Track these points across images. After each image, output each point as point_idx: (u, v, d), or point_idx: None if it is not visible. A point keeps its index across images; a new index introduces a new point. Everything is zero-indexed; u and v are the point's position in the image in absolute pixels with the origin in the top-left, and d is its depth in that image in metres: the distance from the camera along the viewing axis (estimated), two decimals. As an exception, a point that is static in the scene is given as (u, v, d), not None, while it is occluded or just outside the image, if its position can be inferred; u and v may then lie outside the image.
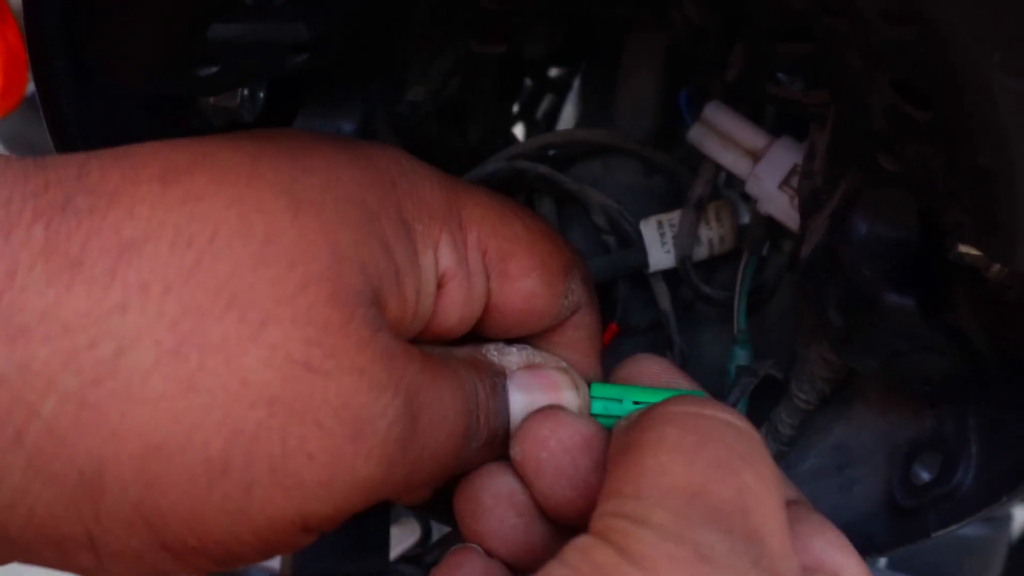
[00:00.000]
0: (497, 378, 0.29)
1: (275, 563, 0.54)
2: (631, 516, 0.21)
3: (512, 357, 0.30)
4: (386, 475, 0.24)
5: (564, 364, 0.31)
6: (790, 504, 0.26)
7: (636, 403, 0.30)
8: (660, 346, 0.42)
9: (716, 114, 0.37)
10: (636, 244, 0.39)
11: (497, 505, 0.29)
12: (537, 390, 0.29)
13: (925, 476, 0.33)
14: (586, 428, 0.28)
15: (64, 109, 0.33)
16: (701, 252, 0.39)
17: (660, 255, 0.39)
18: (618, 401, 0.30)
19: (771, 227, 0.38)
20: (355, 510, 0.24)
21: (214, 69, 0.32)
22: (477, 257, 0.29)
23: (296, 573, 0.37)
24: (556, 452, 0.27)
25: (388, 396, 0.23)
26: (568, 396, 0.29)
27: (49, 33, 0.31)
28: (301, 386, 0.22)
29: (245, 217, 0.22)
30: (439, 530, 0.50)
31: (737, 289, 0.39)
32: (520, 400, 0.29)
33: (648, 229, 0.39)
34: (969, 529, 0.46)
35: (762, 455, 0.24)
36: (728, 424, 0.24)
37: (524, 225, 0.30)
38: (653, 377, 0.31)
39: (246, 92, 0.36)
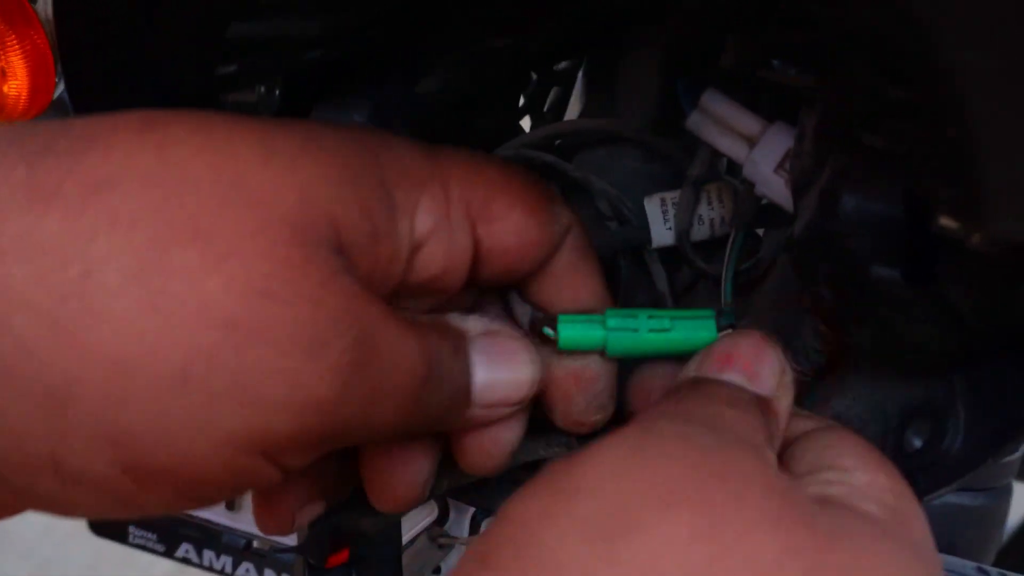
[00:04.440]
0: (459, 340, 0.30)
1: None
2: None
3: (471, 323, 0.31)
4: (341, 398, 0.25)
5: (518, 333, 0.32)
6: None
7: (650, 318, 0.32)
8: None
9: (713, 101, 0.39)
10: (636, 229, 0.41)
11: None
12: (498, 356, 0.31)
13: (917, 443, 0.35)
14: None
15: (91, 104, 0.35)
16: (703, 232, 0.41)
17: (662, 232, 0.41)
18: (633, 317, 0.32)
19: (768, 209, 0.39)
20: (313, 439, 0.25)
21: (233, 67, 0.34)
22: (460, 210, 0.30)
23: None
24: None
25: (344, 325, 0.25)
26: (525, 361, 0.31)
27: (78, 36, 0.33)
28: (259, 311, 0.23)
29: (216, 163, 0.24)
30: (456, 509, 0.52)
31: (725, 262, 0.41)
32: (482, 363, 0.30)
33: (652, 206, 0.41)
34: (968, 499, 0.48)
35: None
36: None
37: (498, 169, 0.31)
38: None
39: (263, 89, 0.38)
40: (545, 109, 0.56)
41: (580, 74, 0.54)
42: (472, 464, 0.33)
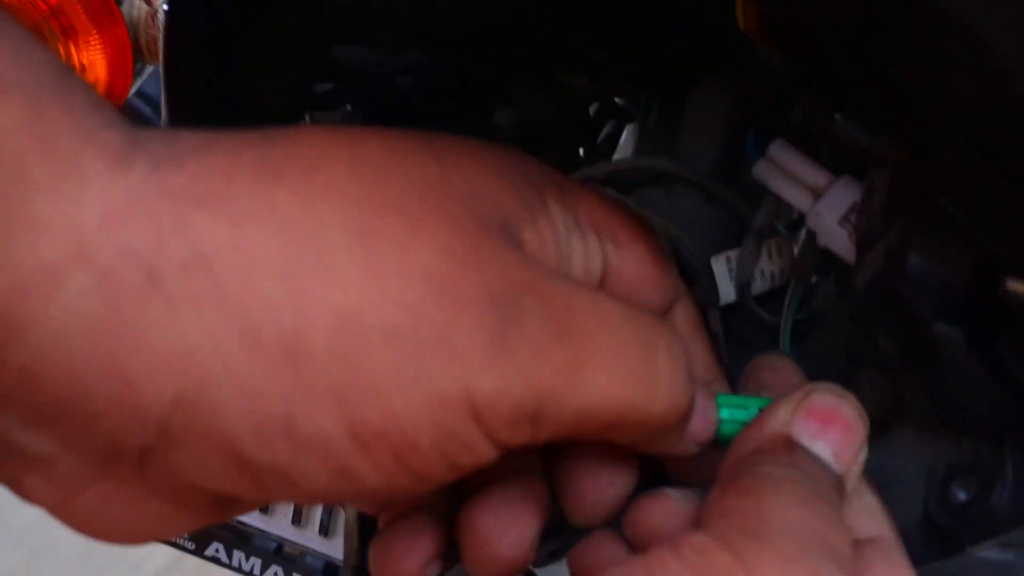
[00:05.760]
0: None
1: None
2: (752, 533, 0.25)
3: None
4: (535, 358, 0.25)
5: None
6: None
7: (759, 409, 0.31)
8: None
9: (781, 151, 0.40)
10: (698, 273, 0.42)
11: None
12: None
13: (961, 496, 0.36)
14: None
15: (187, 119, 0.36)
16: (764, 285, 0.42)
17: (728, 289, 0.42)
18: (743, 408, 0.32)
19: (826, 259, 0.41)
20: (517, 405, 0.25)
21: (329, 86, 0.36)
22: (590, 225, 0.31)
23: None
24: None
25: (526, 290, 0.26)
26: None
27: (186, 50, 0.34)
28: (453, 272, 0.25)
29: (397, 157, 0.27)
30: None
31: (784, 313, 0.42)
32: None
33: (718, 266, 0.42)
34: (998, 554, 0.48)
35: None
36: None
37: (623, 207, 0.33)
38: (780, 380, 0.34)
39: (349, 108, 0.39)
40: (599, 140, 0.58)
41: (639, 110, 0.55)
42: (584, 510, 0.33)
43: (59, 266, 0.21)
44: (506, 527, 0.31)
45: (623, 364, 0.27)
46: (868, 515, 0.30)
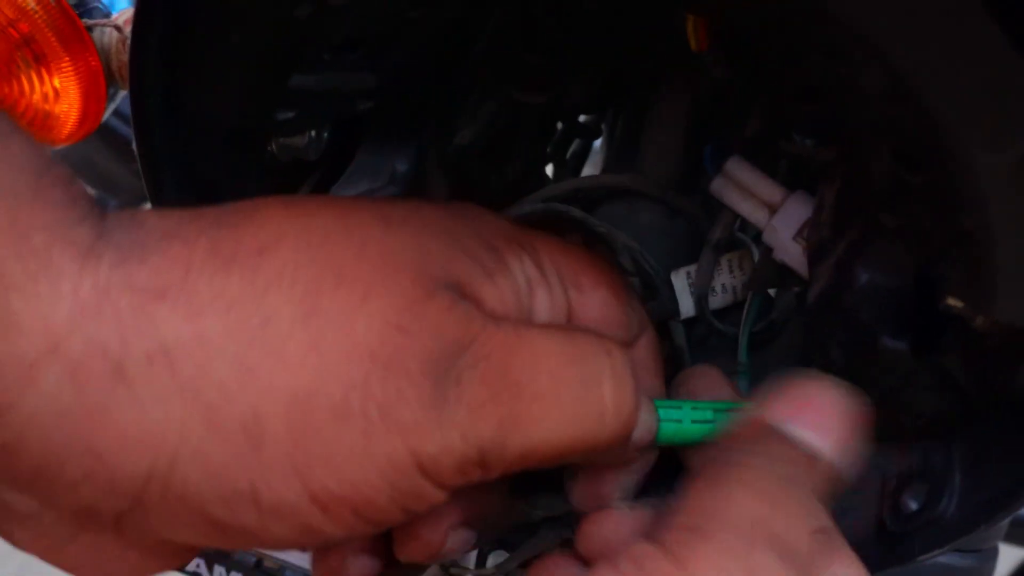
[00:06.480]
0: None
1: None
2: (697, 528, 0.26)
3: None
4: (474, 418, 0.27)
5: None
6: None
7: (694, 408, 0.33)
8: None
9: (737, 168, 0.41)
10: (659, 287, 0.43)
11: None
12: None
13: (913, 505, 0.37)
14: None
15: (155, 138, 0.37)
16: (726, 299, 0.43)
17: (688, 303, 0.43)
18: (677, 408, 0.33)
19: (782, 272, 0.42)
20: (460, 458, 0.27)
21: (291, 114, 0.36)
22: (553, 271, 0.33)
23: None
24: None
25: (463, 347, 0.27)
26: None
27: (150, 72, 0.35)
28: (394, 344, 0.26)
29: (347, 227, 0.28)
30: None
31: (742, 324, 0.43)
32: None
33: (678, 280, 0.43)
34: (957, 560, 0.49)
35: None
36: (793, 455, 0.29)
37: (582, 251, 0.35)
38: (708, 387, 0.35)
39: (313, 133, 0.40)
40: (567, 156, 0.59)
41: (604, 127, 0.56)
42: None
43: (34, 360, 0.23)
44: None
45: (565, 403, 0.29)
46: None
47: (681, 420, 0.33)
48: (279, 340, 0.25)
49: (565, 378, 0.29)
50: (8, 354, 0.23)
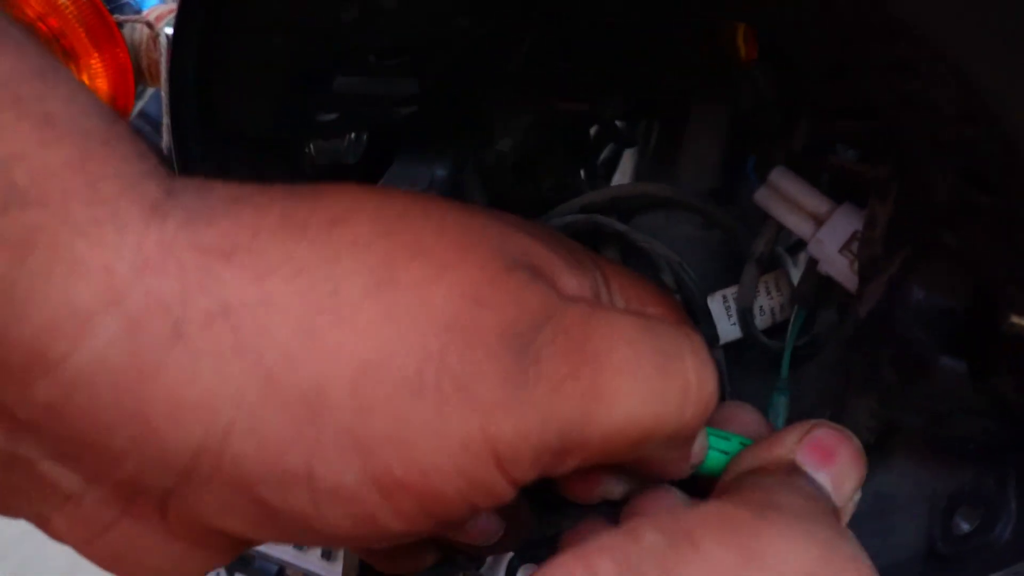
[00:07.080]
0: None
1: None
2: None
3: None
4: (554, 395, 0.25)
5: None
6: None
7: (742, 444, 0.32)
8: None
9: (782, 178, 0.40)
10: (698, 304, 0.42)
11: None
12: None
13: (965, 527, 0.36)
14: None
15: (190, 139, 0.36)
16: (764, 321, 0.42)
17: (727, 328, 0.42)
18: (726, 439, 0.33)
19: (827, 286, 0.41)
20: (536, 444, 0.25)
21: (333, 116, 0.36)
22: (620, 296, 0.32)
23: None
24: None
25: (543, 325, 0.26)
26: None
27: (188, 74, 0.34)
28: (474, 316, 0.25)
29: (426, 207, 0.27)
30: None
31: (788, 338, 0.42)
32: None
33: (715, 304, 0.42)
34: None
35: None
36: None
37: (648, 281, 0.34)
38: (745, 425, 0.34)
39: (352, 136, 0.39)
40: (599, 162, 0.58)
41: (639, 135, 0.55)
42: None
43: (91, 309, 0.22)
44: None
45: (649, 376, 0.27)
46: None
47: (729, 452, 0.32)
48: (349, 307, 0.24)
49: (647, 351, 0.27)
50: (66, 303, 0.22)
